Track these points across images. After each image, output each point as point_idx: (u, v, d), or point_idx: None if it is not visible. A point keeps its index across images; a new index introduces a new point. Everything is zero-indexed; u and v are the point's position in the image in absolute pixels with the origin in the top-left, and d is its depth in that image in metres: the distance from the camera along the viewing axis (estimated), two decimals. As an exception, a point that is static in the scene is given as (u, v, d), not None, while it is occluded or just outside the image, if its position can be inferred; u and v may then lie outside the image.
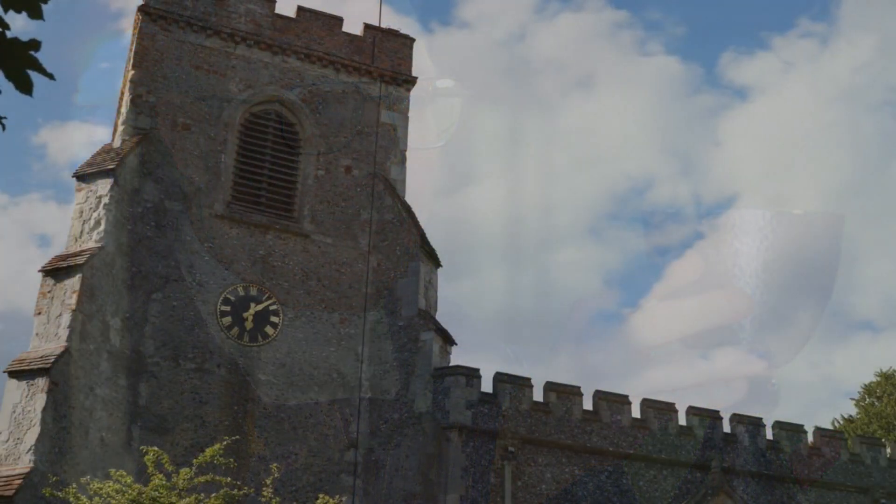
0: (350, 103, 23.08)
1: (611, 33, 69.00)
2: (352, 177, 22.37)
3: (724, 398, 59.50)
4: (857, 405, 37.76)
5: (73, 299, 17.90)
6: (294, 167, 22.28)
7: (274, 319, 20.51)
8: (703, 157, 66.68)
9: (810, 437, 22.95)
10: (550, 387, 20.41)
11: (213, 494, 14.28)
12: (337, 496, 16.42)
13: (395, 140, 23.11)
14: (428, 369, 19.80)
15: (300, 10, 23.40)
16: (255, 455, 19.26)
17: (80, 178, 19.84)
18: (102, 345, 18.47)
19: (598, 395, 20.85)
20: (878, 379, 37.61)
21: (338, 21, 23.64)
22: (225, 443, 15.46)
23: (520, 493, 19.11)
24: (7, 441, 16.62)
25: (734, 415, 22.18)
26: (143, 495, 13.48)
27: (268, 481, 14.93)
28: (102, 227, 19.11)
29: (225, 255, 20.63)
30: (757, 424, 22.16)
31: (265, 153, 22.17)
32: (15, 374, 17.21)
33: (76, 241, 19.13)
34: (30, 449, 16.33)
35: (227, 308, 20.20)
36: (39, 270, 18.64)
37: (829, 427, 32.92)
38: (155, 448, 14.64)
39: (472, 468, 19.03)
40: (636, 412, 21.11)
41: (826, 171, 64.67)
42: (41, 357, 17.26)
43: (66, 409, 17.17)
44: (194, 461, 14.42)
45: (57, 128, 64.88)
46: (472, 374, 19.74)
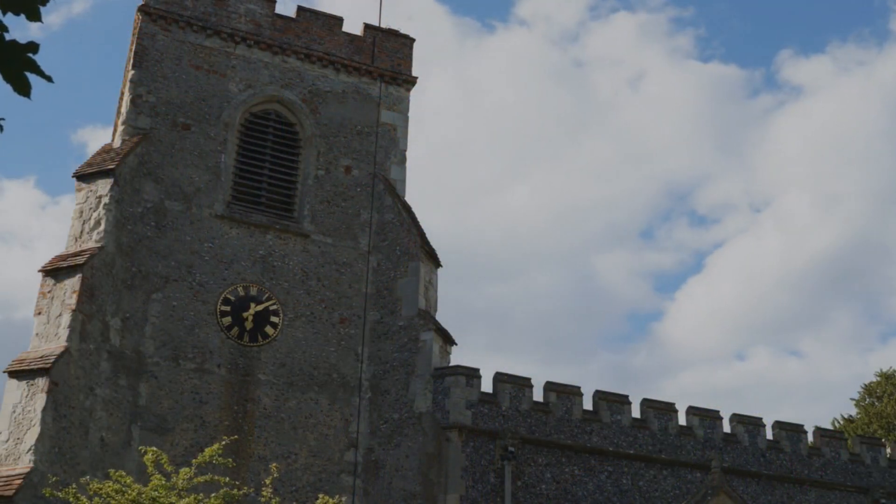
0: (350, 103, 23.08)
1: (666, 31, 69.43)
2: (352, 177, 22.37)
3: (766, 402, 59.78)
4: (857, 405, 37.77)
5: (73, 299, 17.91)
6: (294, 167, 22.28)
7: (274, 319, 20.51)
8: (753, 156, 66.88)
9: (810, 437, 22.96)
10: (550, 387, 20.42)
11: (213, 494, 14.28)
12: (337, 496, 16.42)
13: (395, 140, 23.12)
14: (428, 369, 19.81)
15: (300, 9, 23.40)
16: (254, 455, 19.27)
17: (80, 178, 19.85)
18: (102, 345, 18.48)
19: (598, 395, 20.86)
20: (878, 379, 37.63)
21: (338, 21, 23.64)
22: (224, 443, 15.46)
23: (520, 493, 19.12)
24: (7, 441, 16.63)
25: (734, 415, 22.19)
26: (143, 495, 13.47)
27: (268, 481, 14.92)
28: (102, 227, 19.11)
29: (225, 255, 20.63)
30: (757, 424, 22.17)
31: (265, 153, 22.17)
32: (15, 374, 17.22)
33: (76, 241, 19.14)
34: (30, 449, 16.34)
35: (227, 308, 20.21)
36: (39, 270, 18.66)
37: (829, 427, 32.95)
38: (154, 448, 14.63)
39: (472, 468, 19.03)
40: (636, 412, 21.13)
41: (874, 174, 64.74)
42: (41, 357, 17.27)
43: (66, 409, 17.18)
44: (193, 461, 14.41)
45: (97, 127, 65.39)
46: (472, 374, 19.75)
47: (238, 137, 21.94)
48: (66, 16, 64.28)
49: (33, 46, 4.53)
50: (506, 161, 66.17)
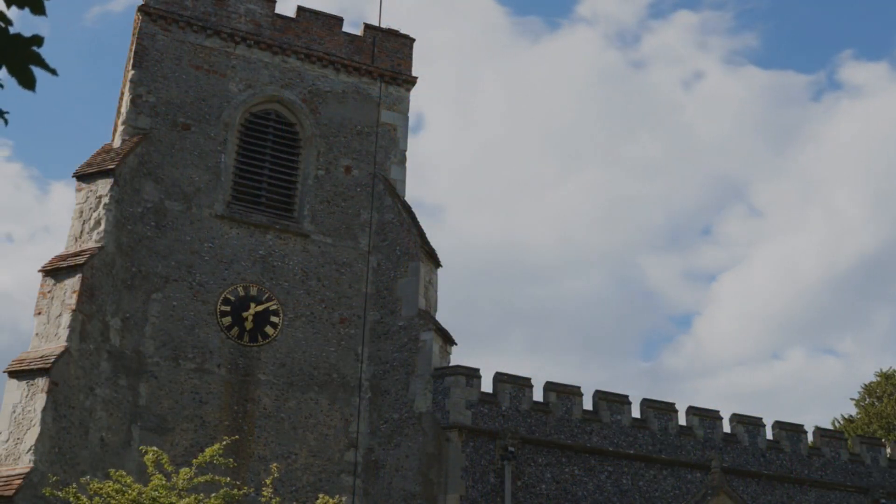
0: (350, 103, 23.08)
1: (726, 30, 69.20)
2: (352, 177, 22.37)
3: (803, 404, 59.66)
4: (857, 405, 37.77)
5: (73, 299, 17.89)
6: (294, 167, 22.28)
7: (274, 319, 20.50)
8: (802, 156, 66.75)
9: (810, 437, 22.96)
10: (550, 387, 20.42)
11: (213, 494, 14.27)
12: (337, 496, 16.41)
13: (395, 140, 23.12)
14: (428, 369, 19.80)
15: (300, 9, 23.40)
16: (254, 455, 19.26)
17: (80, 178, 19.83)
18: (102, 345, 18.46)
19: (598, 395, 20.86)
20: (878, 379, 37.63)
21: (338, 21, 23.65)
22: (224, 443, 15.45)
23: (520, 493, 19.11)
24: (7, 441, 16.60)
25: (734, 415, 22.19)
26: (143, 495, 13.45)
27: (268, 481, 14.91)
28: (102, 227, 19.10)
29: (225, 255, 20.62)
30: (757, 424, 22.17)
31: (265, 153, 22.17)
32: (15, 374, 17.20)
33: (76, 241, 19.13)
34: (30, 449, 16.32)
35: (227, 308, 20.20)
36: (39, 270, 18.64)
37: (829, 427, 32.95)
38: (154, 448, 14.62)
39: (472, 468, 19.02)
40: (636, 412, 21.12)
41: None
42: (41, 357, 17.25)
43: (66, 409, 17.16)
44: (194, 461, 14.40)
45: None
46: (472, 374, 19.74)
47: (238, 137, 21.93)
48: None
49: (38, 39, 4.53)
50: (557, 160, 66.13)
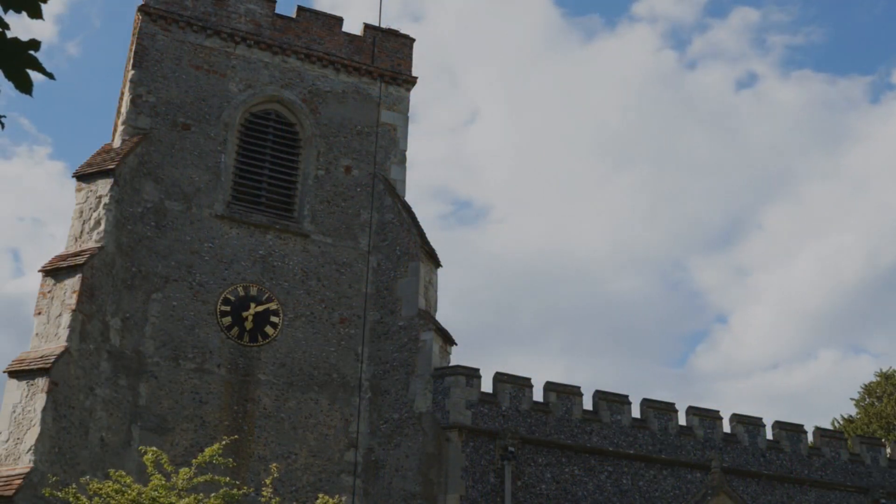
0: (350, 103, 23.08)
1: (783, 28, 68.77)
2: (352, 177, 22.37)
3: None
4: (857, 405, 37.76)
5: (73, 299, 17.89)
6: (294, 167, 22.28)
7: (274, 319, 20.51)
8: (849, 156, 66.46)
9: (810, 437, 22.96)
10: (550, 387, 20.42)
11: (213, 494, 14.27)
12: (337, 496, 16.41)
13: (395, 140, 23.12)
14: (428, 369, 19.80)
15: (300, 9, 23.41)
16: (254, 455, 19.26)
17: (80, 178, 19.83)
18: (102, 345, 18.47)
19: (598, 395, 20.86)
20: (878, 379, 37.62)
21: (338, 21, 23.66)
22: (224, 443, 15.45)
23: (520, 493, 19.11)
24: (7, 441, 16.61)
25: (734, 415, 22.19)
26: (143, 495, 13.46)
27: (268, 481, 14.91)
28: (102, 227, 19.10)
29: (225, 255, 20.63)
30: (757, 424, 22.16)
31: (265, 153, 22.18)
32: (15, 374, 17.20)
33: (76, 241, 19.13)
34: (30, 449, 16.33)
35: (227, 308, 20.20)
36: (39, 270, 18.65)
37: (829, 427, 32.95)
38: (154, 448, 14.62)
39: (472, 468, 19.03)
40: (636, 412, 21.12)
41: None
42: (41, 357, 17.25)
43: (66, 409, 17.17)
44: (193, 461, 14.41)
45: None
46: (472, 374, 19.74)
47: (238, 137, 21.94)
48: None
49: (35, 44, 4.53)
50: (607, 159, 65.89)
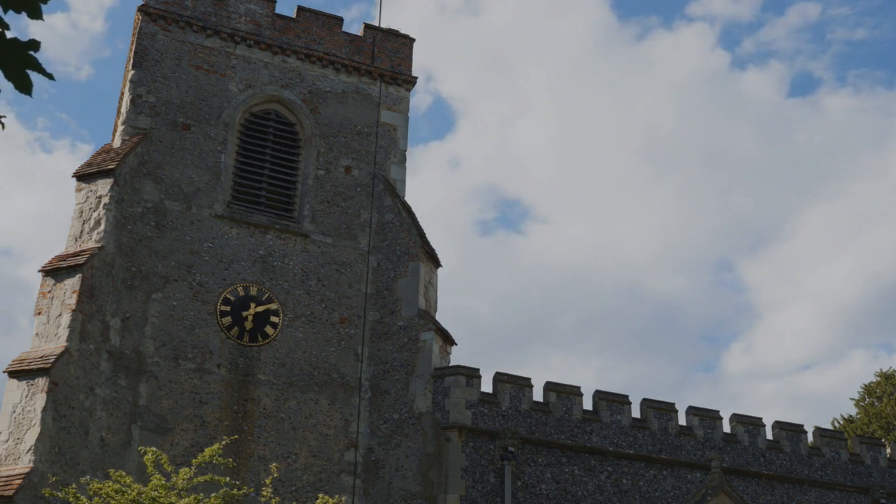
0: (350, 103, 23.09)
1: (840, 25, 68.07)
2: (352, 177, 22.38)
3: None
4: (857, 405, 37.75)
5: (73, 299, 17.89)
6: (294, 167, 22.29)
7: (274, 319, 20.51)
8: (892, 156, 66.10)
9: (810, 437, 22.96)
10: (550, 387, 20.42)
11: (213, 494, 14.27)
12: (337, 496, 16.41)
13: (395, 140, 23.12)
14: (428, 369, 19.80)
15: (300, 9, 23.41)
16: (255, 455, 19.27)
17: (80, 178, 19.83)
18: (102, 345, 18.47)
19: (598, 395, 20.86)
20: (878, 379, 37.61)
21: (338, 21, 23.66)
22: (224, 443, 15.46)
23: (520, 493, 19.12)
24: (7, 441, 16.61)
25: (734, 415, 22.20)
26: (143, 495, 13.46)
27: (268, 481, 14.91)
28: (102, 227, 19.11)
29: (225, 255, 20.63)
30: (757, 424, 22.17)
31: (265, 153, 22.18)
32: (15, 374, 17.20)
33: (76, 241, 19.13)
34: (30, 449, 16.32)
35: (227, 308, 20.20)
36: (39, 270, 18.65)
37: (829, 427, 32.96)
38: (154, 448, 14.62)
39: (472, 468, 19.03)
40: (636, 412, 21.12)
41: None
42: (41, 357, 17.25)
43: (66, 409, 17.17)
44: (193, 461, 14.40)
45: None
46: (472, 374, 19.75)
47: (238, 137, 21.94)
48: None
49: (35, 44, 4.53)
50: (655, 159, 65.68)
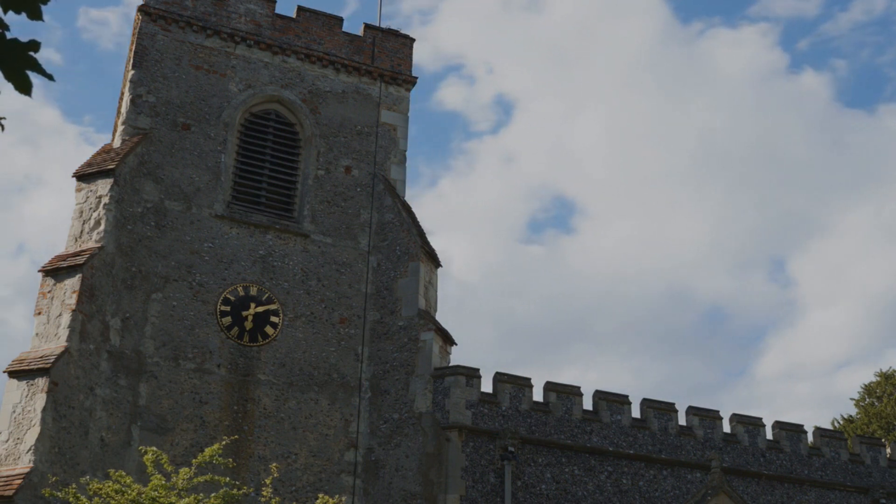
0: (350, 103, 23.09)
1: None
2: (352, 177, 22.38)
3: None
4: (857, 405, 37.75)
5: (73, 299, 17.89)
6: (294, 167, 22.29)
7: (274, 319, 20.51)
8: None
9: (810, 437, 22.96)
10: (550, 387, 20.42)
11: (213, 494, 14.27)
12: (337, 496, 16.41)
13: (395, 140, 23.12)
14: (428, 369, 19.80)
15: (300, 9, 23.41)
16: (255, 455, 19.27)
17: (80, 178, 19.83)
18: (102, 345, 18.47)
19: (598, 395, 20.86)
20: (878, 379, 37.60)
21: (338, 21, 23.66)
22: (224, 443, 15.46)
23: (520, 493, 19.12)
24: (7, 441, 16.61)
25: (734, 415, 22.20)
26: (143, 495, 13.47)
27: (268, 481, 14.92)
28: (102, 227, 19.11)
29: (225, 255, 20.63)
30: (757, 424, 22.17)
31: (265, 153, 22.18)
32: (15, 374, 17.20)
33: (76, 241, 19.14)
34: (30, 449, 16.32)
35: (227, 308, 20.20)
36: (39, 270, 18.65)
37: (829, 427, 32.95)
38: (154, 448, 14.62)
39: (472, 468, 19.03)
40: (636, 412, 21.12)
41: None
42: (41, 357, 17.25)
43: (66, 409, 17.17)
44: (193, 461, 14.41)
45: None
46: (472, 374, 19.75)
47: (238, 137, 21.94)
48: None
49: (35, 45, 4.53)
50: (708, 159, 65.26)
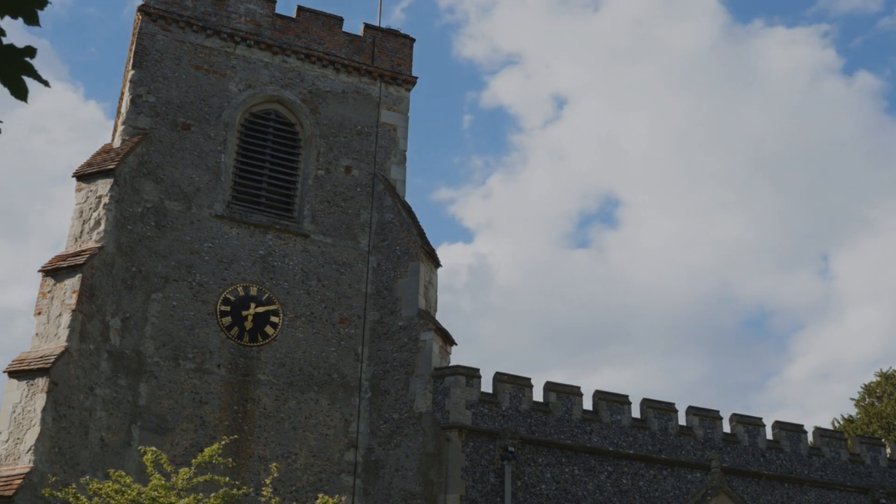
0: (350, 103, 23.09)
1: None
2: (352, 177, 22.38)
3: None
4: (857, 405, 37.73)
5: (73, 299, 17.91)
6: (294, 167, 22.29)
7: (274, 319, 20.52)
8: None
9: (810, 437, 22.96)
10: (550, 387, 20.43)
11: (213, 494, 14.29)
12: (337, 496, 16.42)
13: (395, 140, 23.13)
14: (428, 369, 19.81)
15: (300, 9, 23.41)
16: (255, 455, 19.28)
17: (80, 178, 19.84)
18: (102, 345, 18.48)
19: (598, 395, 20.87)
20: (878, 379, 37.59)
21: (338, 21, 23.66)
22: (224, 443, 15.47)
23: (520, 493, 19.13)
24: (7, 441, 16.63)
25: (734, 415, 22.20)
26: (143, 495, 13.48)
27: (268, 481, 14.94)
28: (102, 227, 19.12)
29: (225, 255, 20.64)
30: (757, 424, 22.17)
31: (265, 153, 22.19)
32: (15, 374, 17.22)
33: (76, 241, 19.15)
34: (30, 449, 16.34)
35: (227, 308, 20.21)
36: (39, 270, 18.67)
37: (829, 427, 32.94)
38: (154, 448, 14.64)
39: (472, 468, 19.04)
40: (636, 412, 21.13)
41: None
42: (41, 357, 17.27)
43: (66, 409, 17.19)
44: (193, 461, 14.42)
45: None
46: (472, 374, 19.75)
47: (238, 137, 21.95)
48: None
49: (31, 50, 4.53)
50: (747, 159, 65.07)
